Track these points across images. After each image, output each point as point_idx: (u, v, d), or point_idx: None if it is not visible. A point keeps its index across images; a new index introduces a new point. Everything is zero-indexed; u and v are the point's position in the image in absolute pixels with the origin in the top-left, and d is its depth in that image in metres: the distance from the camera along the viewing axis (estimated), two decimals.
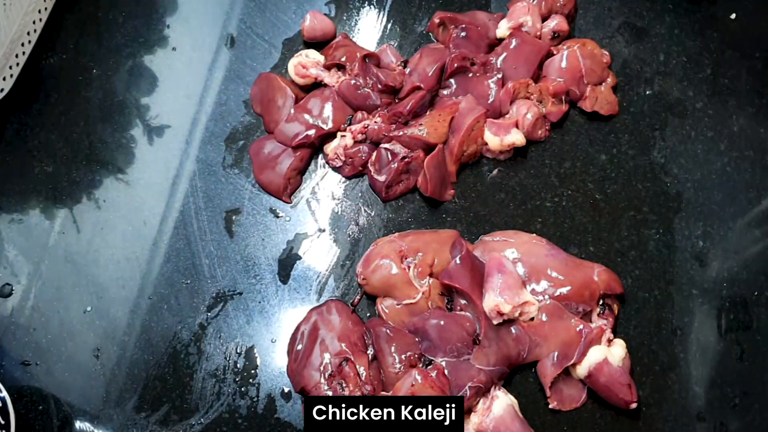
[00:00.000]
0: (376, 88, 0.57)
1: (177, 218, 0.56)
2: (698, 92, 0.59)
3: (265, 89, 0.59)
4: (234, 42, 0.62)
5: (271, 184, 0.56)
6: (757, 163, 0.56)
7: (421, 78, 0.56)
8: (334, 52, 0.59)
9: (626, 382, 0.47)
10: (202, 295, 0.53)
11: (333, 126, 0.56)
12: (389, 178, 0.54)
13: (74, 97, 0.61)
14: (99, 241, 0.56)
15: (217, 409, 0.50)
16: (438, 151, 0.54)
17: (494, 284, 0.48)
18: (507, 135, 0.55)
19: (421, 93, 0.56)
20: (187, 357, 0.52)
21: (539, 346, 0.48)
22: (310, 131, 0.56)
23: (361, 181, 0.57)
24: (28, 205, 0.58)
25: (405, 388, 0.46)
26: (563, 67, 0.57)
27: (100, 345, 0.52)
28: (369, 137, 0.56)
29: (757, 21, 0.61)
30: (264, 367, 0.51)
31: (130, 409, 0.50)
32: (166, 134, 0.60)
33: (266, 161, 0.56)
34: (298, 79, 0.58)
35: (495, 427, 0.46)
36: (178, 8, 0.65)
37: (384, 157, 0.55)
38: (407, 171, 0.55)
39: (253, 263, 0.54)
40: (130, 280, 0.54)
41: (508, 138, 0.55)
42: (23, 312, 0.54)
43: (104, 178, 0.58)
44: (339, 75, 0.58)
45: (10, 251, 0.56)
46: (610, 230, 0.54)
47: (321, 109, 0.57)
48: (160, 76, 0.62)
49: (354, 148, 0.56)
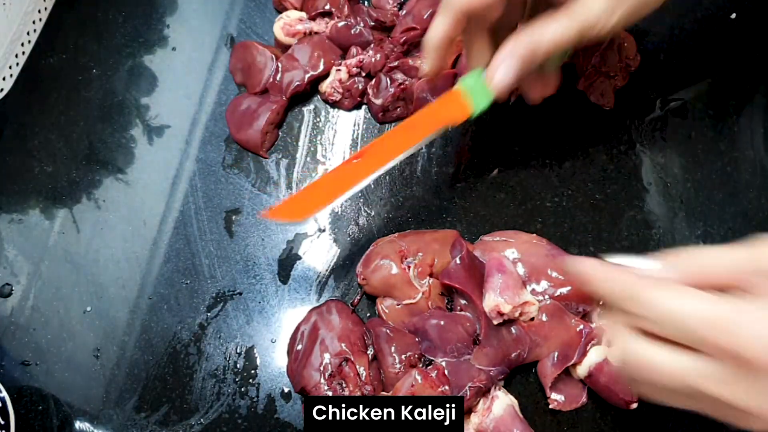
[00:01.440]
0: (368, 24, 0.59)
1: (177, 218, 0.56)
2: (698, 92, 0.59)
3: (243, 56, 0.60)
4: (234, 42, 0.62)
5: (249, 141, 0.57)
6: (757, 163, 0.56)
7: (416, 20, 0.58)
8: (315, 2, 0.60)
9: (626, 382, 0.47)
10: (202, 295, 0.53)
11: (324, 68, 0.58)
12: (386, 102, 0.56)
13: (74, 97, 0.61)
14: (99, 241, 0.56)
15: (217, 409, 0.50)
16: (431, 79, 0.55)
17: (494, 284, 0.48)
18: None
19: (416, 32, 0.57)
20: (187, 357, 0.52)
21: (539, 346, 0.48)
22: (305, 76, 0.57)
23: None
24: (28, 204, 0.58)
25: (405, 388, 0.46)
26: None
27: (99, 345, 0.52)
28: (365, 69, 0.57)
29: (757, 21, 0.61)
30: (264, 367, 0.51)
31: (129, 409, 0.50)
32: (165, 134, 0.60)
33: (242, 119, 0.58)
34: (288, 38, 0.60)
35: (495, 427, 0.46)
36: (178, 8, 0.65)
37: (383, 82, 0.57)
38: (403, 98, 0.56)
39: (253, 263, 0.54)
40: (129, 280, 0.54)
41: None
42: (23, 312, 0.54)
43: (104, 178, 0.58)
44: (326, 21, 0.59)
45: (9, 251, 0.56)
46: (610, 230, 0.54)
47: (309, 55, 0.58)
48: (160, 76, 0.62)
49: (350, 80, 0.57)
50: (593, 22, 0.40)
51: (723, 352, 0.28)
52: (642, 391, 0.33)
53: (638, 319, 0.32)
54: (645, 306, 0.31)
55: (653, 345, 0.31)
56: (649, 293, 0.31)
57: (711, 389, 0.29)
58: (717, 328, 0.29)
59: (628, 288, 0.32)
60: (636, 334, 0.32)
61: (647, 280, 0.32)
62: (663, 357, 0.30)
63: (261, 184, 0.57)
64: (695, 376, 0.29)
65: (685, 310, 0.30)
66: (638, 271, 0.33)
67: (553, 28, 0.41)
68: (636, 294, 0.32)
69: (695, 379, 0.29)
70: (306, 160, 0.58)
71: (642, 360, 0.31)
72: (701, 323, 0.29)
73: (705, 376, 0.29)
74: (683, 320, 0.30)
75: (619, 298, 0.33)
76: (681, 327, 0.30)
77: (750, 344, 0.28)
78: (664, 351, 0.31)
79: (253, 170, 0.58)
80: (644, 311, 0.31)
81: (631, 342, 0.32)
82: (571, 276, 0.36)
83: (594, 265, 0.35)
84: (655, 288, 0.31)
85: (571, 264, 0.36)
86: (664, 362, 0.30)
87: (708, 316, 0.29)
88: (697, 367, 0.29)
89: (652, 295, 0.31)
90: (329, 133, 0.59)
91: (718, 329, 0.28)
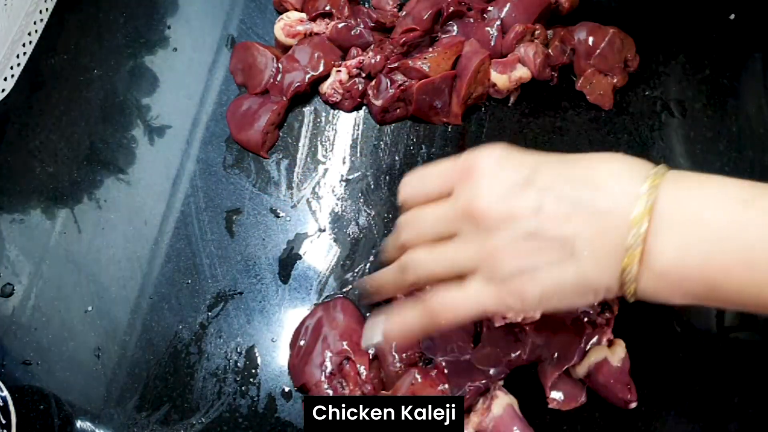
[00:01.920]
0: (368, 25, 0.59)
1: (178, 218, 0.56)
2: (698, 92, 0.59)
3: (244, 56, 0.60)
4: (234, 42, 0.63)
5: (250, 142, 0.57)
6: (756, 163, 0.56)
7: (416, 21, 0.58)
8: (315, 3, 0.60)
9: (626, 381, 0.47)
10: (202, 294, 0.54)
11: (325, 69, 0.58)
12: (386, 103, 0.56)
13: (75, 97, 0.61)
14: (100, 241, 0.56)
15: (218, 409, 0.50)
16: (432, 80, 0.56)
17: None
18: (513, 71, 0.56)
19: (416, 32, 0.58)
20: (187, 356, 0.52)
21: (539, 346, 0.48)
22: (306, 76, 0.58)
23: (362, 181, 0.57)
24: (30, 205, 0.58)
25: (405, 387, 0.47)
26: (581, 37, 0.58)
27: (101, 344, 0.53)
28: (365, 70, 0.57)
29: (757, 21, 0.61)
30: (264, 367, 0.51)
31: (130, 408, 0.51)
32: (167, 134, 0.60)
33: (243, 119, 0.58)
34: (289, 39, 0.60)
35: (495, 427, 0.46)
36: (179, 9, 0.65)
37: (384, 83, 0.57)
38: (403, 99, 0.57)
39: (254, 263, 0.54)
40: (131, 279, 0.54)
41: (515, 73, 0.56)
42: (24, 312, 0.54)
43: (105, 179, 0.58)
44: (327, 22, 0.59)
45: (11, 251, 0.56)
46: None
47: (310, 56, 0.58)
48: (161, 77, 0.62)
49: (350, 81, 0.57)
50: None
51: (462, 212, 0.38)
52: (405, 237, 0.42)
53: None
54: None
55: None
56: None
57: (449, 211, 0.39)
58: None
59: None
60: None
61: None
62: (426, 206, 0.41)
63: (261, 185, 0.57)
64: (441, 207, 0.39)
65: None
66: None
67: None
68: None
69: (441, 209, 0.39)
70: (306, 160, 0.58)
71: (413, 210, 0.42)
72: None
73: (446, 205, 0.39)
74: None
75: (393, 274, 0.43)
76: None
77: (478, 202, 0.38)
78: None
79: (254, 170, 0.58)
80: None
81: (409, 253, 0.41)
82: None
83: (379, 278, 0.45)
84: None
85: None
86: (426, 207, 0.41)
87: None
88: (442, 204, 0.40)
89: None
90: (329, 133, 0.59)
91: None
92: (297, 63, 0.58)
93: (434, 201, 0.41)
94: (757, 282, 0.32)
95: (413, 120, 0.59)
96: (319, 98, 0.60)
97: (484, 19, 0.59)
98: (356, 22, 0.59)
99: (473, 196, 0.37)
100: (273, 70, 0.58)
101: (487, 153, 0.38)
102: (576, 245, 0.35)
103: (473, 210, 0.37)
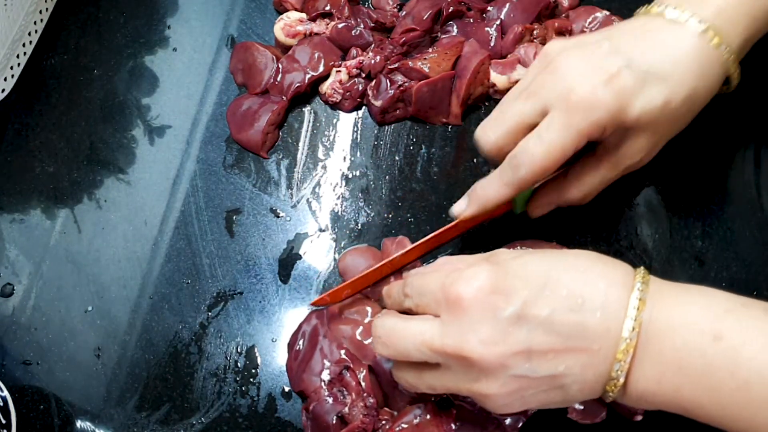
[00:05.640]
0: (368, 25, 0.59)
1: (178, 218, 0.56)
2: None
3: (244, 56, 0.60)
4: (234, 42, 0.63)
5: (250, 142, 0.57)
6: (756, 163, 0.56)
7: (416, 21, 0.58)
8: (315, 3, 0.60)
9: None
10: (202, 294, 0.54)
11: (324, 69, 0.58)
12: (386, 103, 0.56)
13: (75, 97, 0.61)
14: (100, 241, 0.56)
15: (218, 409, 0.50)
16: (431, 81, 0.56)
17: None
18: (513, 72, 0.56)
19: (416, 33, 0.58)
20: (187, 356, 0.52)
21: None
22: (306, 77, 0.58)
23: (362, 181, 0.57)
24: (30, 205, 0.58)
25: (409, 418, 0.45)
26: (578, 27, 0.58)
27: (101, 344, 0.53)
28: (365, 70, 0.57)
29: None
30: (264, 367, 0.51)
31: (130, 408, 0.51)
32: (167, 134, 0.60)
33: (243, 119, 0.58)
34: (289, 39, 0.60)
35: None
36: (179, 9, 0.65)
37: (383, 83, 0.57)
38: (403, 99, 0.57)
39: (254, 263, 0.55)
40: (131, 279, 0.54)
41: (515, 74, 0.56)
42: (24, 311, 0.54)
43: (105, 178, 0.58)
44: (327, 22, 0.59)
45: (11, 251, 0.56)
46: (609, 230, 0.54)
47: (310, 57, 0.58)
48: (161, 77, 0.62)
49: (350, 81, 0.57)
50: (634, 166, 0.47)
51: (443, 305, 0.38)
52: (383, 353, 0.41)
53: (403, 300, 0.43)
54: (407, 283, 0.43)
55: (403, 316, 0.41)
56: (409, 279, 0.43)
57: (435, 342, 0.38)
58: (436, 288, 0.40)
59: (396, 285, 0.45)
60: (393, 312, 0.43)
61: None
62: (406, 322, 0.40)
63: (262, 184, 0.57)
64: (427, 332, 0.38)
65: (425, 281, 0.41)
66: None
67: (598, 178, 0.47)
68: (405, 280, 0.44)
69: (425, 335, 0.38)
70: (306, 160, 0.58)
71: (391, 323, 0.41)
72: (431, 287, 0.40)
73: (432, 332, 0.38)
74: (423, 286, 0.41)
75: (396, 290, 0.45)
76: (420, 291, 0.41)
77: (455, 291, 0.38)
78: (408, 318, 0.41)
79: (254, 170, 0.58)
80: (407, 288, 0.42)
81: (388, 314, 0.42)
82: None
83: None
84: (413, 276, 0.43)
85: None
86: (406, 325, 0.40)
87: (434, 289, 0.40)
88: (426, 325, 0.39)
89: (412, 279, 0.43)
90: (329, 133, 0.59)
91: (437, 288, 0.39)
92: (297, 63, 0.58)
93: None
94: (727, 415, 0.35)
95: (413, 120, 0.59)
96: (319, 98, 0.60)
97: (484, 19, 0.59)
98: (356, 22, 0.59)
99: (463, 341, 0.37)
100: (273, 70, 0.58)
101: (473, 282, 0.38)
102: (565, 381, 0.37)
103: (463, 354, 0.37)
